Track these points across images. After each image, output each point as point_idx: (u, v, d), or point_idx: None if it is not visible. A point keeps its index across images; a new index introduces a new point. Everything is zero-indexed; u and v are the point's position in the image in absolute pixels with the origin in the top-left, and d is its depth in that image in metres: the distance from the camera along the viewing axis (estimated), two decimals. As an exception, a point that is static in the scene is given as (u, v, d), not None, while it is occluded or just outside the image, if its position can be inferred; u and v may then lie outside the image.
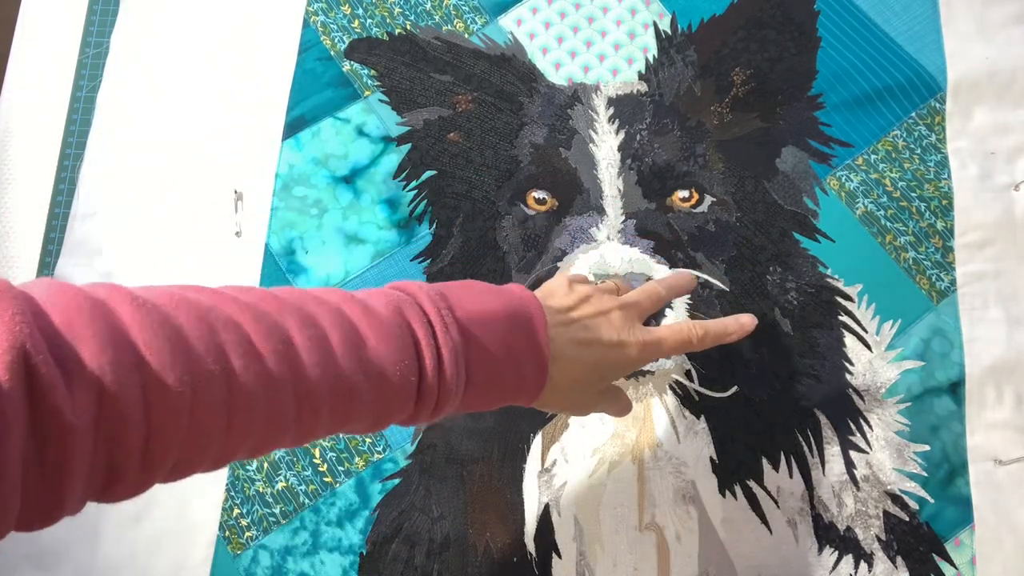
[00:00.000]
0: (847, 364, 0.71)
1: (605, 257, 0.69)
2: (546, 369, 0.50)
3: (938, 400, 0.71)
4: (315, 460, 0.72)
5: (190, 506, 0.70)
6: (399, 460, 0.71)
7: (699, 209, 0.73)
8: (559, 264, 0.71)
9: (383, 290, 0.48)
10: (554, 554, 0.68)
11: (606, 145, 0.75)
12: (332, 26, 0.84)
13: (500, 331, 0.48)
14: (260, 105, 0.82)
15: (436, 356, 0.45)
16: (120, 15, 0.85)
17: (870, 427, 0.70)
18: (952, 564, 0.67)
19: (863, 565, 0.67)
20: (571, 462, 0.70)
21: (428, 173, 0.78)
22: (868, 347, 0.72)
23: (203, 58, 0.84)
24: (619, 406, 0.60)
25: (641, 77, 0.80)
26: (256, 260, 0.77)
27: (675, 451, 0.69)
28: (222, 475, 0.71)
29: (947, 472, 0.69)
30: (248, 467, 0.71)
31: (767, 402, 0.70)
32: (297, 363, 0.40)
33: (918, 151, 0.78)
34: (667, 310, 0.68)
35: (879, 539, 0.67)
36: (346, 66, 0.83)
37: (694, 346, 0.58)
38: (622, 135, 0.75)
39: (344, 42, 0.84)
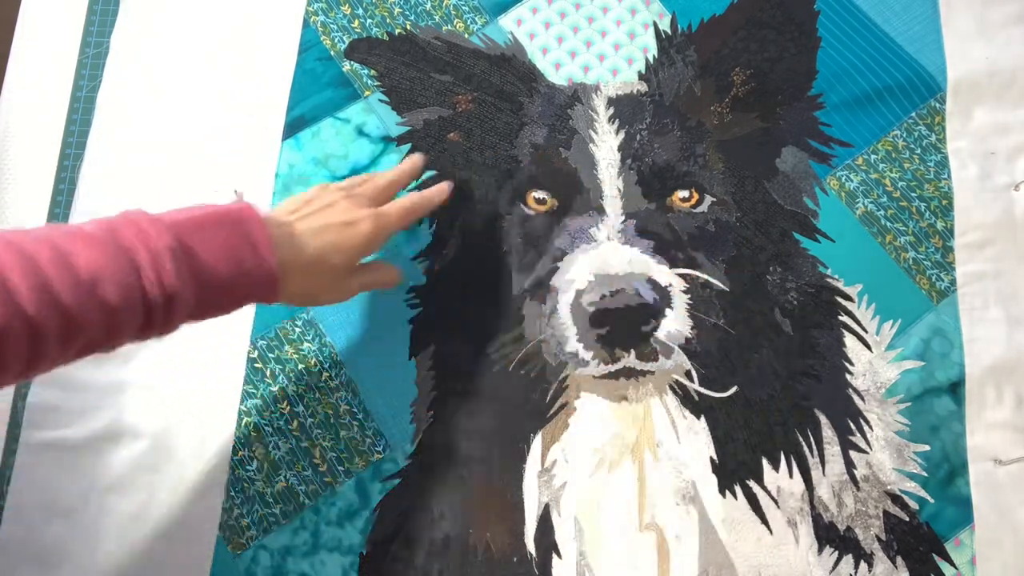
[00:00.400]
0: (847, 364, 0.71)
1: (605, 257, 0.69)
2: (271, 262, 0.55)
3: (938, 400, 0.71)
4: (315, 460, 0.72)
5: (190, 506, 0.70)
6: (399, 460, 0.71)
7: (699, 209, 0.73)
8: (559, 264, 0.71)
9: (102, 218, 0.51)
10: (554, 554, 0.68)
11: (606, 145, 0.75)
12: (332, 26, 0.84)
13: (214, 232, 0.53)
14: (260, 105, 0.82)
15: (151, 259, 0.49)
16: (120, 15, 0.85)
17: (870, 427, 0.70)
18: (952, 564, 0.67)
19: (863, 565, 0.67)
20: (571, 462, 0.70)
21: (428, 173, 0.78)
22: (868, 347, 0.72)
23: (203, 58, 0.84)
24: (378, 275, 0.68)
25: (641, 77, 0.80)
26: (256, 260, 0.77)
27: (675, 451, 0.69)
28: (222, 475, 0.71)
29: (947, 472, 0.69)
30: (248, 467, 0.71)
31: (767, 402, 0.70)
32: (12, 296, 0.44)
33: (918, 151, 0.78)
34: (667, 310, 0.67)
35: (879, 539, 0.67)
36: (346, 66, 0.83)
37: (417, 208, 0.68)
38: (622, 135, 0.75)
39: (344, 42, 0.84)
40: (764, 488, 0.68)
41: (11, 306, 0.44)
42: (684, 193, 0.73)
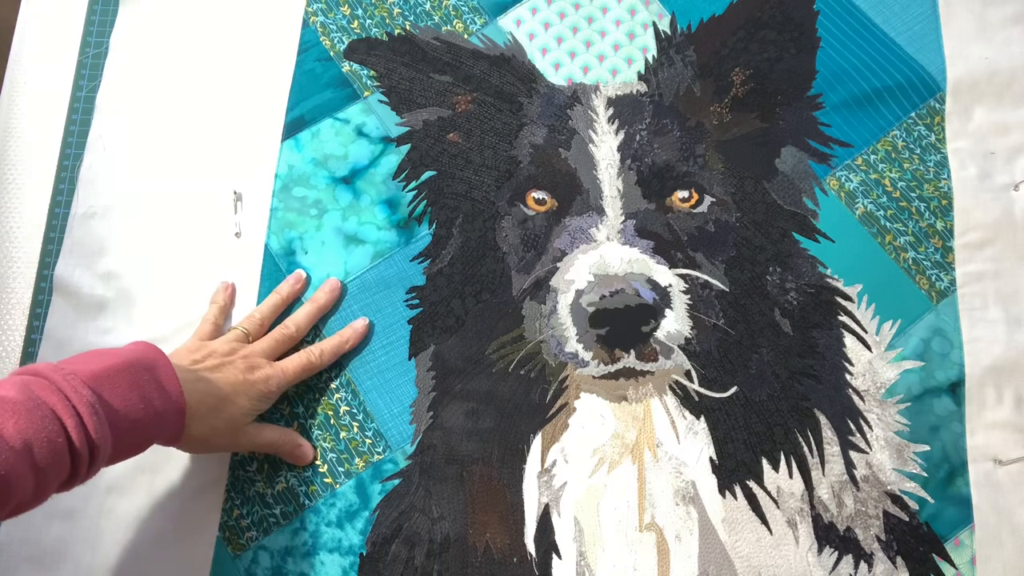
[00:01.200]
0: (847, 364, 0.71)
1: (605, 257, 0.69)
2: (181, 403, 0.58)
3: (938, 400, 0.71)
4: (315, 461, 0.72)
5: (190, 506, 0.70)
6: (399, 461, 0.71)
7: (699, 209, 0.73)
8: (559, 264, 0.71)
9: (9, 377, 0.53)
10: (554, 554, 0.68)
11: (606, 145, 0.75)
12: (331, 27, 0.84)
13: (128, 380, 0.56)
14: (260, 106, 0.82)
15: (76, 417, 0.52)
16: (120, 15, 0.85)
17: (870, 427, 0.70)
18: (952, 564, 0.67)
19: (863, 565, 0.67)
20: (571, 462, 0.70)
21: (428, 174, 0.78)
22: (868, 347, 0.72)
23: (203, 58, 0.84)
24: (278, 437, 0.69)
25: (640, 77, 0.80)
26: (256, 261, 0.77)
27: (675, 451, 0.70)
28: (222, 476, 0.71)
29: (947, 472, 0.69)
30: (248, 468, 0.71)
31: (767, 402, 0.70)
32: None
33: (918, 151, 0.78)
34: (667, 310, 0.68)
35: (879, 539, 0.67)
36: (345, 67, 0.83)
37: (315, 365, 0.71)
38: (622, 135, 0.75)
39: (343, 43, 0.84)
40: (764, 488, 0.68)
41: None
42: (684, 193, 0.73)
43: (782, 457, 0.69)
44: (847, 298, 0.73)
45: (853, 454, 0.69)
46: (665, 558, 0.67)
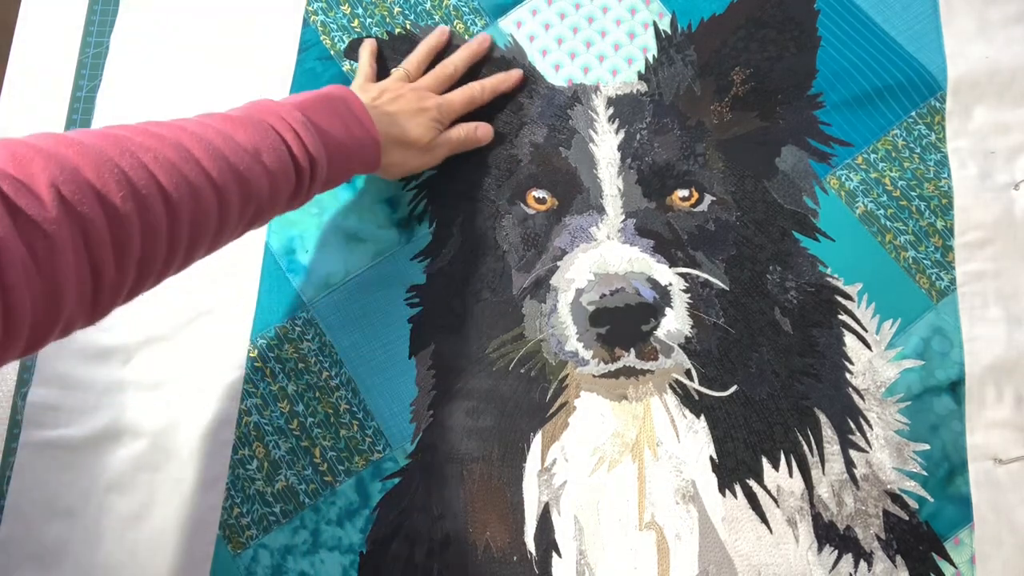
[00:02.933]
0: (847, 363, 0.71)
1: (605, 256, 0.69)
2: (375, 133, 0.66)
3: (938, 399, 0.71)
4: (315, 459, 0.72)
5: (190, 505, 0.70)
6: (399, 459, 0.71)
7: (699, 208, 0.73)
8: (559, 263, 0.71)
9: (232, 109, 0.61)
10: (554, 553, 0.68)
11: (606, 144, 0.75)
12: (332, 25, 0.84)
13: (329, 108, 0.64)
14: (260, 105, 0.82)
15: (293, 131, 0.59)
16: (120, 15, 0.85)
17: (870, 426, 0.70)
18: (952, 563, 0.67)
19: (863, 564, 0.67)
20: (571, 461, 0.70)
21: (428, 172, 0.78)
22: (868, 346, 0.72)
23: (203, 57, 0.84)
24: (463, 133, 0.76)
25: (641, 77, 0.80)
26: (256, 259, 0.77)
27: (675, 450, 0.70)
28: (222, 474, 0.71)
29: (947, 471, 0.69)
30: (248, 466, 0.71)
31: (767, 401, 0.70)
32: (201, 167, 0.53)
33: (918, 150, 0.78)
34: (667, 309, 0.68)
35: (879, 538, 0.67)
36: (346, 66, 0.83)
37: (477, 99, 0.77)
38: (622, 135, 0.75)
39: (344, 42, 0.84)
40: (764, 487, 0.68)
41: (201, 173, 0.53)
42: (684, 192, 0.73)
43: (782, 456, 0.69)
44: (847, 297, 0.73)
45: (853, 453, 0.69)
46: (665, 557, 0.67)
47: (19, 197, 0.43)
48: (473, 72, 0.80)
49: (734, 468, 0.69)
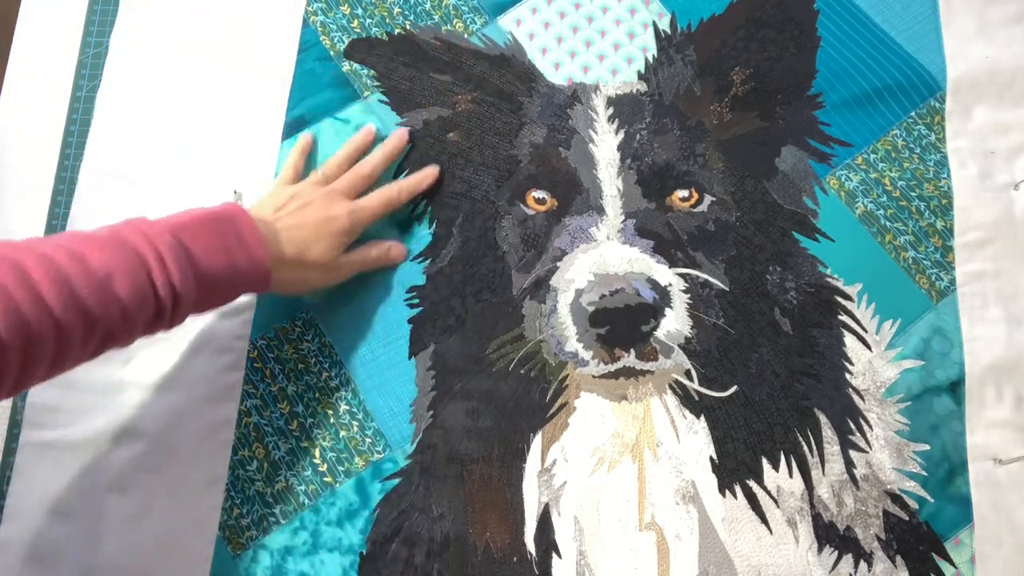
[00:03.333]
0: (847, 363, 0.71)
1: (605, 257, 0.69)
2: (262, 258, 0.62)
3: (938, 399, 0.71)
4: (315, 460, 0.72)
5: (190, 506, 0.70)
6: (399, 460, 0.71)
7: (699, 209, 0.73)
8: (559, 264, 0.71)
9: (100, 228, 0.57)
10: (554, 554, 0.68)
11: (606, 145, 0.75)
12: (331, 26, 0.84)
13: (210, 231, 0.59)
14: (260, 105, 0.82)
15: (158, 257, 0.55)
16: (120, 15, 0.85)
17: (870, 426, 0.70)
18: (952, 563, 0.67)
19: (863, 564, 0.67)
20: (571, 461, 0.70)
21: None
22: (868, 346, 0.72)
23: (203, 58, 0.84)
24: (372, 254, 0.73)
25: (641, 77, 0.80)
26: (256, 260, 0.77)
27: (675, 450, 0.70)
28: (222, 475, 0.71)
29: (947, 471, 0.69)
30: (248, 467, 0.71)
31: (767, 401, 0.70)
32: (36, 295, 0.49)
33: (918, 150, 0.78)
34: (667, 310, 0.68)
35: (879, 538, 0.67)
36: (346, 66, 0.83)
37: (394, 200, 0.74)
38: (621, 135, 0.75)
39: (344, 42, 0.84)
40: (764, 488, 0.68)
41: (40, 308, 0.49)
42: (684, 193, 0.73)
43: (782, 456, 0.69)
44: (847, 297, 0.73)
45: (853, 453, 0.69)
46: (665, 557, 0.67)
47: None
48: (484, 83, 0.80)
49: (734, 468, 0.69)
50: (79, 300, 0.51)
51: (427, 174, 0.76)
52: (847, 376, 0.71)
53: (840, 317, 0.72)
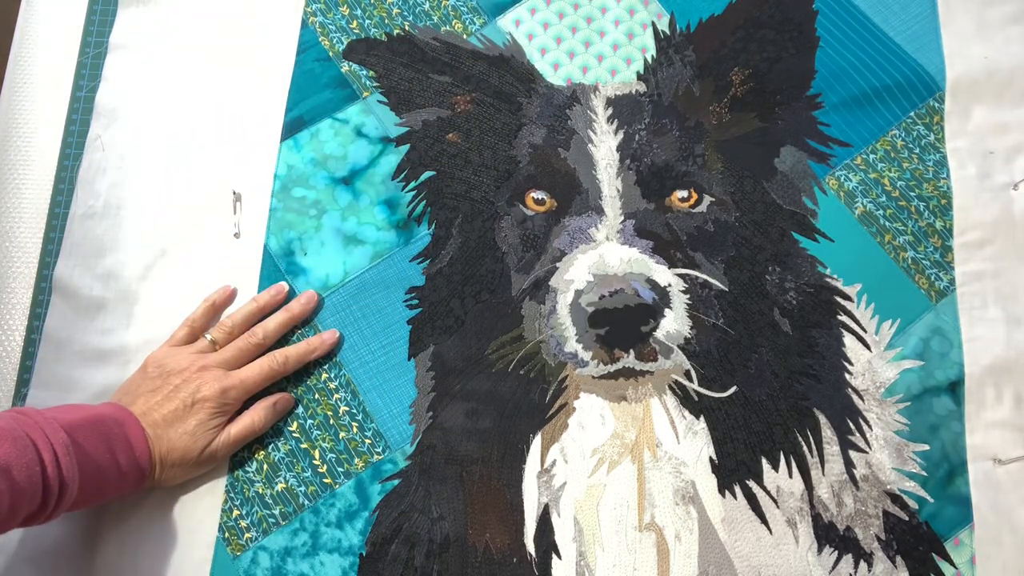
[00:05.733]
0: (846, 364, 0.71)
1: (604, 257, 0.69)
2: (145, 465, 0.64)
3: (937, 399, 0.71)
4: (315, 461, 0.72)
5: (189, 508, 0.70)
6: (399, 461, 0.71)
7: (698, 209, 0.73)
8: (558, 264, 0.71)
9: (3, 412, 0.60)
10: (554, 554, 0.68)
11: (605, 145, 0.75)
12: (330, 27, 0.84)
13: (99, 431, 0.61)
14: (259, 106, 0.82)
15: (52, 453, 0.57)
16: (120, 15, 0.85)
17: (869, 427, 0.70)
18: (952, 563, 0.67)
19: (863, 565, 0.67)
20: (570, 462, 0.70)
21: (427, 174, 0.78)
22: (867, 347, 0.72)
23: (202, 59, 0.84)
24: (247, 423, 0.69)
25: (640, 77, 0.80)
26: (255, 261, 0.77)
27: (674, 451, 0.70)
28: (222, 476, 0.71)
29: (946, 471, 0.69)
30: (248, 468, 0.71)
31: (766, 402, 0.70)
32: None
33: (917, 151, 0.78)
34: (666, 310, 0.68)
35: (879, 539, 0.67)
36: (344, 67, 0.83)
37: (277, 372, 0.70)
38: (621, 135, 0.75)
39: (342, 43, 0.84)
40: (764, 488, 0.68)
41: None
42: (683, 193, 0.73)
43: (782, 457, 0.69)
44: (846, 297, 0.73)
45: (853, 453, 0.69)
46: (665, 558, 0.67)
47: None
48: (482, 83, 0.79)
49: (734, 469, 0.69)
50: None
51: (322, 340, 0.73)
52: (847, 376, 0.71)
53: (839, 317, 0.72)
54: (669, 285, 0.68)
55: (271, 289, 0.75)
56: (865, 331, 0.72)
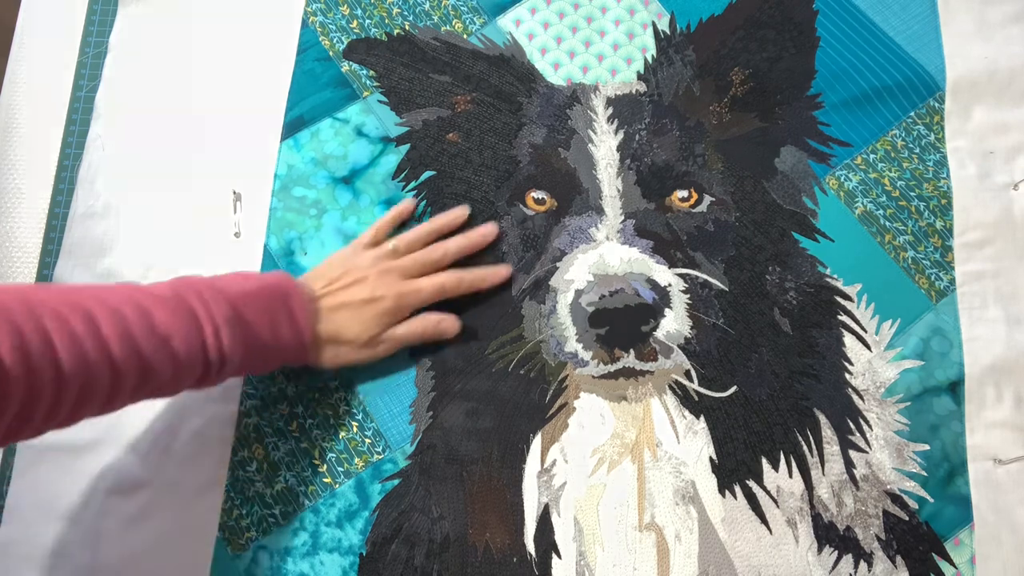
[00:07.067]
0: (846, 364, 0.71)
1: (604, 257, 0.69)
2: (305, 336, 0.65)
3: (937, 399, 0.71)
4: (315, 461, 0.72)
5: (190, 507, 0.70)
6: (399, 461, 0.71)
7: (698, 209, 0.73)
8: (558, 264, 0.71)
9: (166, 281, 0.61)
10: (554, 554, 0.68)
11: (605, 145, 0.75)
12: (331, 26, 0.84)
13: (261, 304, 0.63)
14: (259, 105, 0.82)
15: (214, 327, 0.59)
16: (120, 15, 0.85)
17: (869, 426, 0.70)
18: (952, 563, 0.67)
19: (863, 565, 0.67)
20: (570, 462, 0.70)
21: (427, 174, 0.78)
22: (867, 347, 0.72)
23: (202, 59, 0.84)
24: (416, 329, 0.71)
25: (640, 77, 0.80)
26: (255, 261, 0.77)
27: (674, 451, 0.70)
28: (222, 476, 0.71)
29: (947, 471, 0.69)
30: (248, 468, 0.71)
31: (766, 402, 0.70)
32: (104, 346, 0.53)
33: (917, 150, 0.78)
34: (666, 310, 0.68)
35: (879, 539, 0.67)
36: (345, 66, 0.83)
37: (451, 290, 0.72)
38: (621, 135, 0.75)
39: (343, 42, 0.84)
40: (764, 488, 0.68)
41: (105, 357, 0.53)
42: (683, 193, 0.73)
43: (782, 456, 0.69)
44: (847, 297, 0.73)
45: (853, 453, 0.69)
46: (665, 558, 0.67)
47: None
48: (483, 83, 0.80)
49: (734, 469, 0.69)
50: (141, 355, 0.55)
51: (495, 272, 0.73)
52: (847, 376, 0.71)
53: (840, 317, 0.72)
54: (669, 285, 0.68)
55: (452, 212, 0.76)
56: (865, 331, 0.72)
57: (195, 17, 0.85)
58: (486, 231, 0.74)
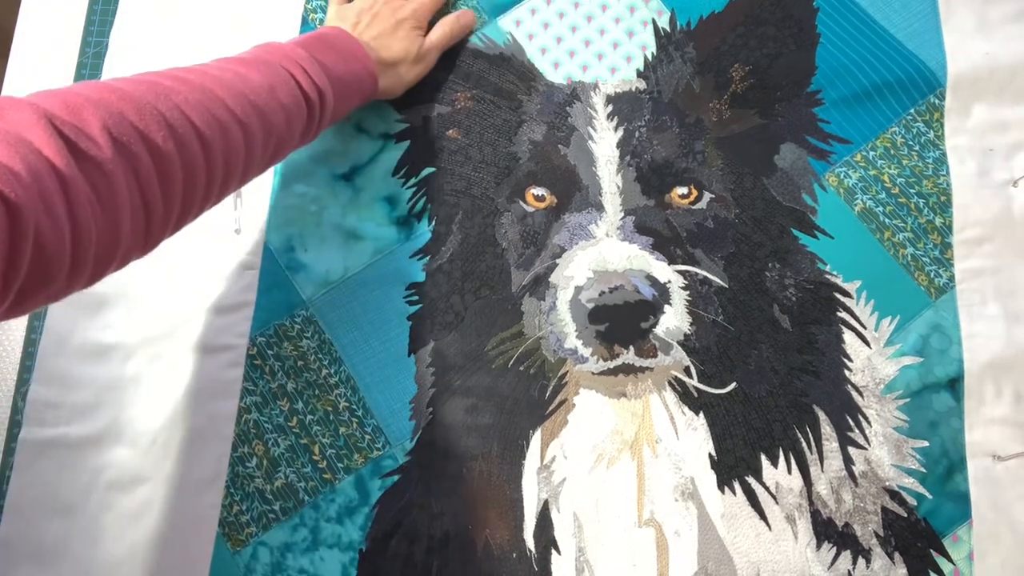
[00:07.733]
0: (846, 360, 0.71)
1: (604, 254, 0.69)
2: (372, 65, 0.72)
3: (937, 396, 0.71)
4: (315, 457, 0.72)
5: (190, 503, 0.70)
6: (399, 457, 0.71)
7: (698, 206, 0.73)
8: (558, 261, 0.71)
9: (234, 56, 0.65)
10: (553, 550, 0.68)
11: (605, 142, 0.75)
12: (331, 24, 0.84)
13: (329, 46, 0.69)
14: (259, 103, 0.82)
15: (300, 68, 0.64)
16: (120, 14, 0.86)
17: (869, 423, 0.70)
18: (950, 560, 0.67)
19: (861, 561, 0.67)
20: (570, 458, 0.70)
21: (427, 170, 0.78)
22: (867, 343, 0.72)
23: (202, 56, 0.83)
24: (447, 30, 0.80)
25: (640, 75, 0.80)
26: (255, 257, 0.77)
27: (674, 447, 0.70)
28: (222, 472, 0.71)
29: (945, 468, 0.69)
30: (248, 464, 0.71)
31: (766, 398, 0.70)
32: (226, 106, 0.57)
33: (917, 147, 0.78)
34: (666, 307, 0.68)
35: (877, 535, 0.67)
36: (345, 64, 0.83)
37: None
38: (621, 132, 0.76)
39: (343, 40, 0.84)
40: (763, 484, 0.68)
41: (226, 110, 0.57)
42: (683, 190, 0.73)
43: (781, 453, 0.69)
44: (846, 294, 0.73)
45: (852, 450, 0.69)
46: (664, 553, 0.67)
47: (79, 140, 0.47)
48: (483, 80, 0.80)
49: (733, 465, 0.69)
50: (256, 107, 0.59)
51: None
52: (846, 373, 0.71)
53: (839, 314, 0.72)
54: (669, 281, 0.68)
55: None
56: (864, 328, 0.72)
57: (195, 16, 0.85)
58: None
